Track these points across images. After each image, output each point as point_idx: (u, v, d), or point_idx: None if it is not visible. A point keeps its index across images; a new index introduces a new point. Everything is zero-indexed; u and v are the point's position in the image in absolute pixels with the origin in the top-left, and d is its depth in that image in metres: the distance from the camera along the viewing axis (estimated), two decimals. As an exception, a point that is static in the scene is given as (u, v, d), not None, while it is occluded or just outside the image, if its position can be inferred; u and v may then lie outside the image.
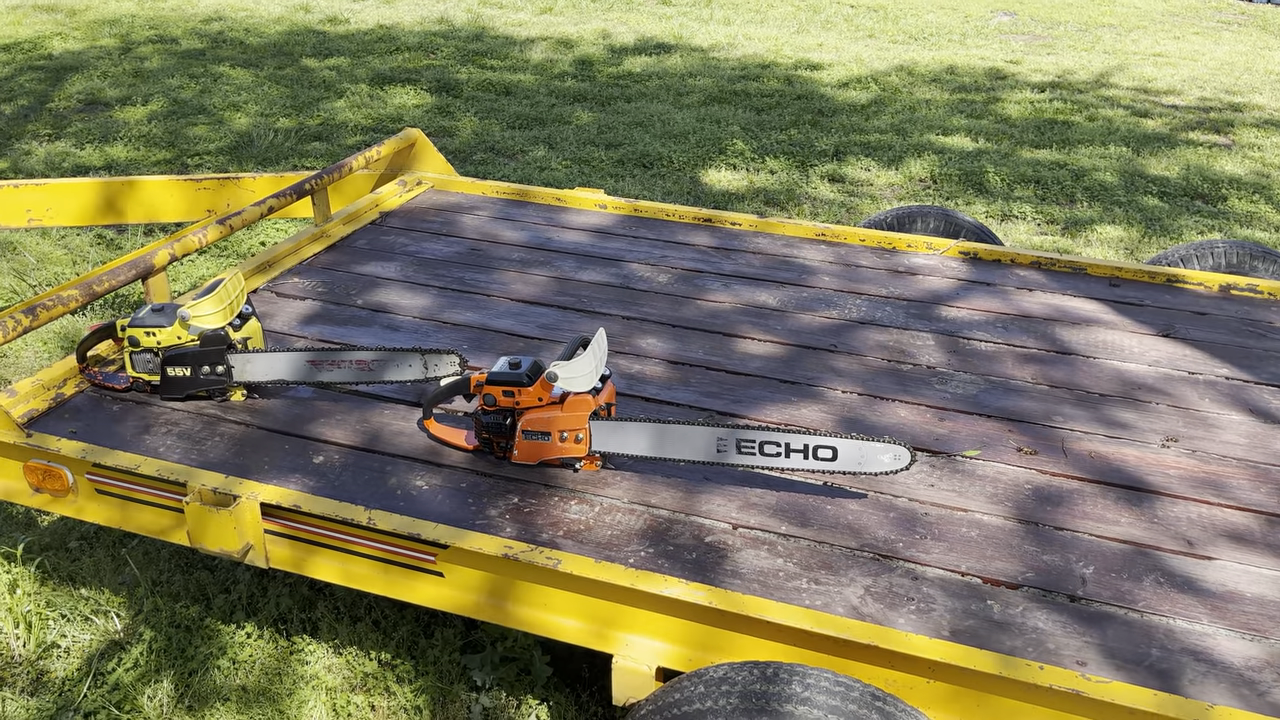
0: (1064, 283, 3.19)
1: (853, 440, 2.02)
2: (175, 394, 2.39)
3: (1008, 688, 1.67)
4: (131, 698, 2.37)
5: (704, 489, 2.15)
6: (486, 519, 2.05)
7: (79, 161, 5.92)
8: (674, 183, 5.70)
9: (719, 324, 2.87)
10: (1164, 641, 1.79)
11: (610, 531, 2.02)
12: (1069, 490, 2.18)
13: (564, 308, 2.95)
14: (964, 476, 2.22)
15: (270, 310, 2.87)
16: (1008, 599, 1.87)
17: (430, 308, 2.92)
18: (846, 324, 2.89)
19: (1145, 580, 1.93)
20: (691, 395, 2.50)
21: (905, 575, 1.93)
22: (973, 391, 2.56)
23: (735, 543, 2.00)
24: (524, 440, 2.16)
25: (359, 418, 2.38)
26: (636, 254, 3.32)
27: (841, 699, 1.57)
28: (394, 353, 2.31)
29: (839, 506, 2.11)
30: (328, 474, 2.18)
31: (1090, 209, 5.48)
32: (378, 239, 3.38)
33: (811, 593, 1.87)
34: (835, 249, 3.39)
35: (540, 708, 2.35)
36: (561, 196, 3.72)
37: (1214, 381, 2.64)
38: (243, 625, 2.56)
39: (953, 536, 2.03)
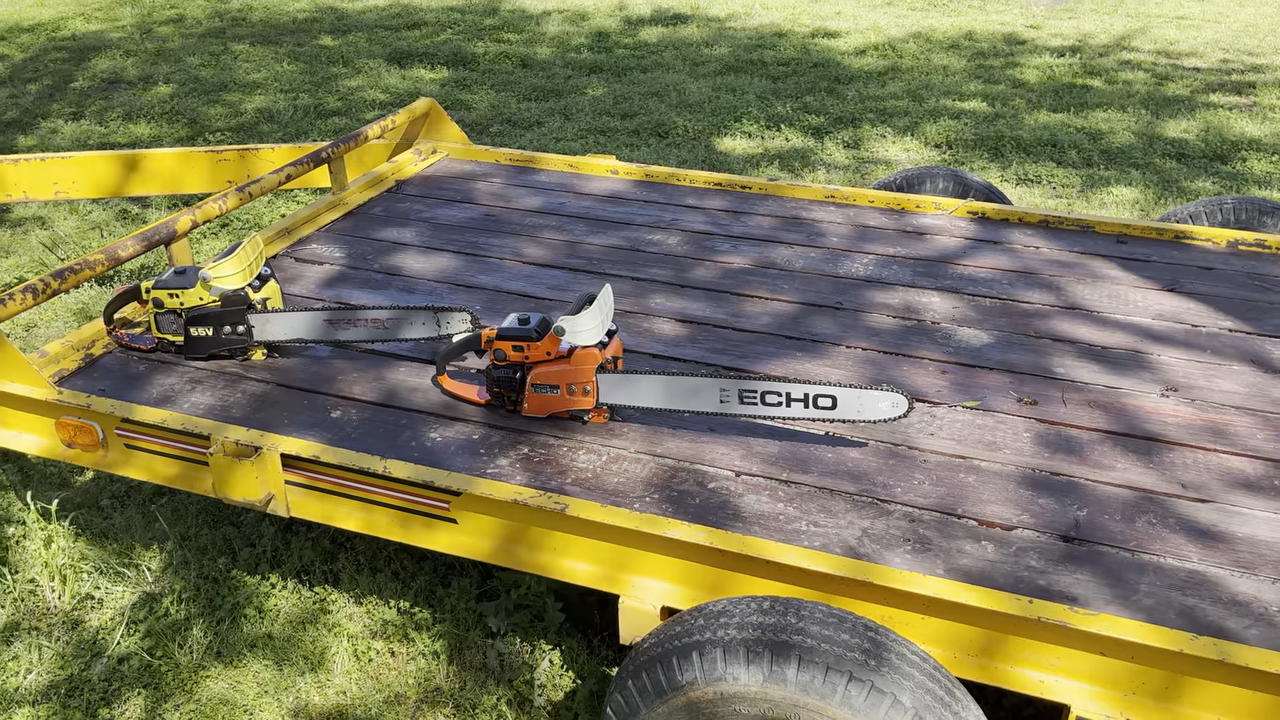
0: (1071, 240, 3.21)
1: (851, 389, 2.08)
2: (199, 353, 2.47)
3: (998, 621, 1.73)
4: (163, 644, 2.47)
5: (708, 439, 2.22)
6: (498, 468, 2.12)
7: (103, 139, 6.02)
8: (689, 151, 5.74)
9: (727, 284, 2.93)
10: (1154, 579, 1.84)
11: (617, 479, 2.09)
12: (1066, 438, 2.23)
13: (574, 270, 3.01)
14: (964, 426, 2.27)
15: (290, 275, 2.95)
16: (1002, 539, 1.93)
17: (445, 271, 2.99)
18: (854, 282, 2.94)
19: (1138, 522, 1.98)
20: (699, 352, 2.56)
21: (902, 518, 1.99)
22: (976, 345, 2.60)
23: (737, 489, 2.06)
24: (533, 394, 2.23)
25: (375, 375, 2.46)
26: (647, 217, 3.37)
27: (835, 629, 1.63)
28: (407, 311, 2.39)
29: (840, 454, 2.17)
30: (345, 428, 2.26)
31: (1107, 171, 5.47)
32: (394, 206, 3.45)
33: (810, 535, 1.94)
34: (844, 210, 3.43)
35: (553, 652, 2.43)
36: (574, 163, 3.77)
37: (1216, 334, 2.67)
38: (268, 576, 2.65)
39: (950, 482, 2.09)
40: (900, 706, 1.56)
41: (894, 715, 1.56)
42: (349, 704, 2.34)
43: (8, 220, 4.93)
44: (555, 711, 2.31)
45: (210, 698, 2.35)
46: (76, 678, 2.41)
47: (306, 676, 2.40)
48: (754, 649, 1.62)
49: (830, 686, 1.58)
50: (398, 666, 2.43)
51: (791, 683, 1.59)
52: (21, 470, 3.12)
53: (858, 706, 1.57)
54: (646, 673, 1.72)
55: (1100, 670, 1.71)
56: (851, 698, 1.57)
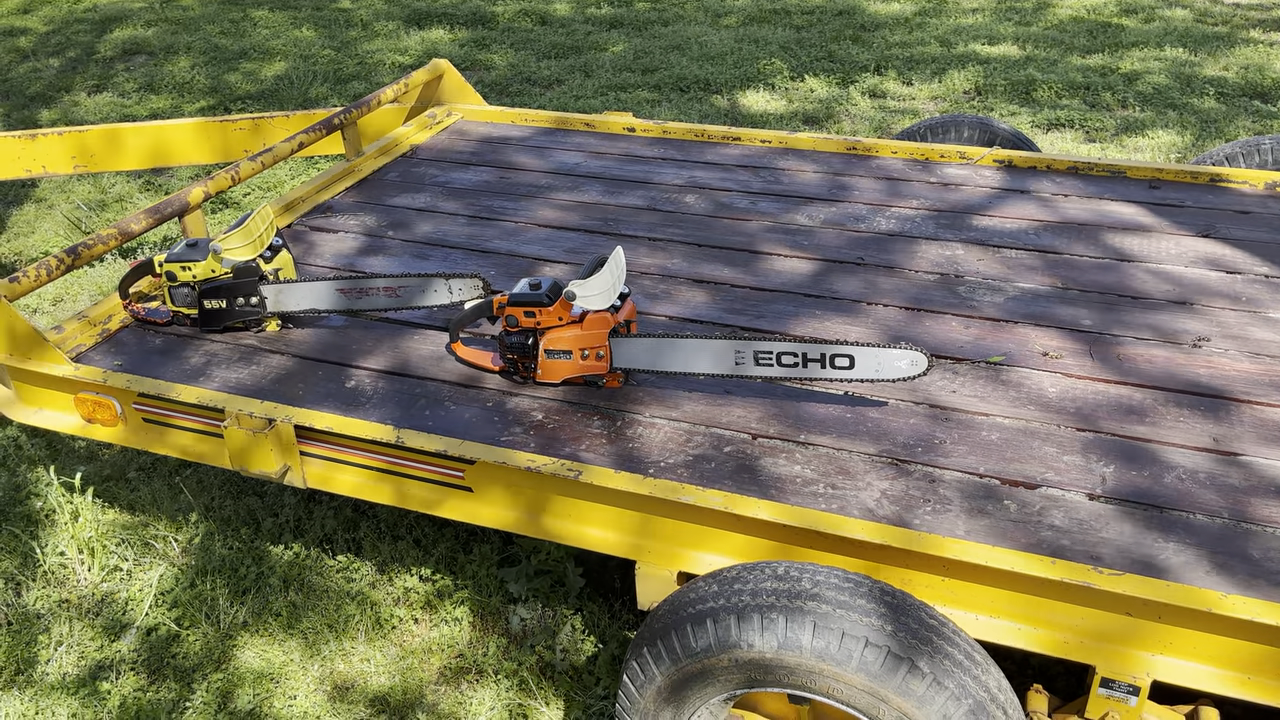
0: (1102, 187, 3.12)
1: (869, 348, 2.03)
2: (214, 326, 2.47)
3: (1020, 583, 1.69)
4: (190, 615, 2.50)
5: (725, 401, 2.18)
6: (512, 436, 2.10)
7: (125, 111, 6.03)
8: (710, 105, 5.64)
9: (745, 242, 2.87)
10: (1181, 535, 1.79)
11: (632, 444, 2.06)
12: (1092, 393, 2.17)
13: (591, 231, 2.97)
14: (987, 381, 2.22)
15: (304, 244, 2.94)
16: (1024, 499, 1.88)
17: (460, 236, 2.96)
18: (876, 237, 2.87)
19: (1166, 477, 1.92)
20: (715, 312, 2.52)
21: (922, 479, 1.94)
22: (1001, 299, 2.54)
23: (754, 452, 2.03)
24: (547, 359, 2.20)
25: (390, 344, 2.44)
26: (664, 175, 3.31)
27: (851, 594, 1.60)
28: (419, 278, 2.36)
29: (859, 415, 2.13)
30: (360, 398, 2.25)
31: (1143, 113, 5.31)
32: (408, 171, 3.41)
33: (828, 497, 1.90)
34: (867, 163, 3.35)
35: (574, 617, 2.43)
36: (591, 121, 3.71)
37: (1253, 280, 2.58)
38: (290, 546, 2.67)
39: (973, 440, 2.04)
40: (918, 672, 1.53)
41: (912, 681, 1.53)
42: (373, 670, 2.35)
43: (32, 196, 4.97)
44: (578, 675, 2.32)
45: (238, 667, 2.38)
46: (106, 649, 2.44)
47: (331, 645, 2.41)
48: (769, 615, 1.59)
49: (846, 652, 1.55)
50: (421, 633, 2.44)
51: (807, 649, 1.57)
52: (50, 445, 3.16)
53: (874, 672, 1.54)
54: (662, 639, 1.70)
55: (1125, 630, 1.67)
56: (868, 663, 1.54)
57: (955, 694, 1.53)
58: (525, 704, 2.26)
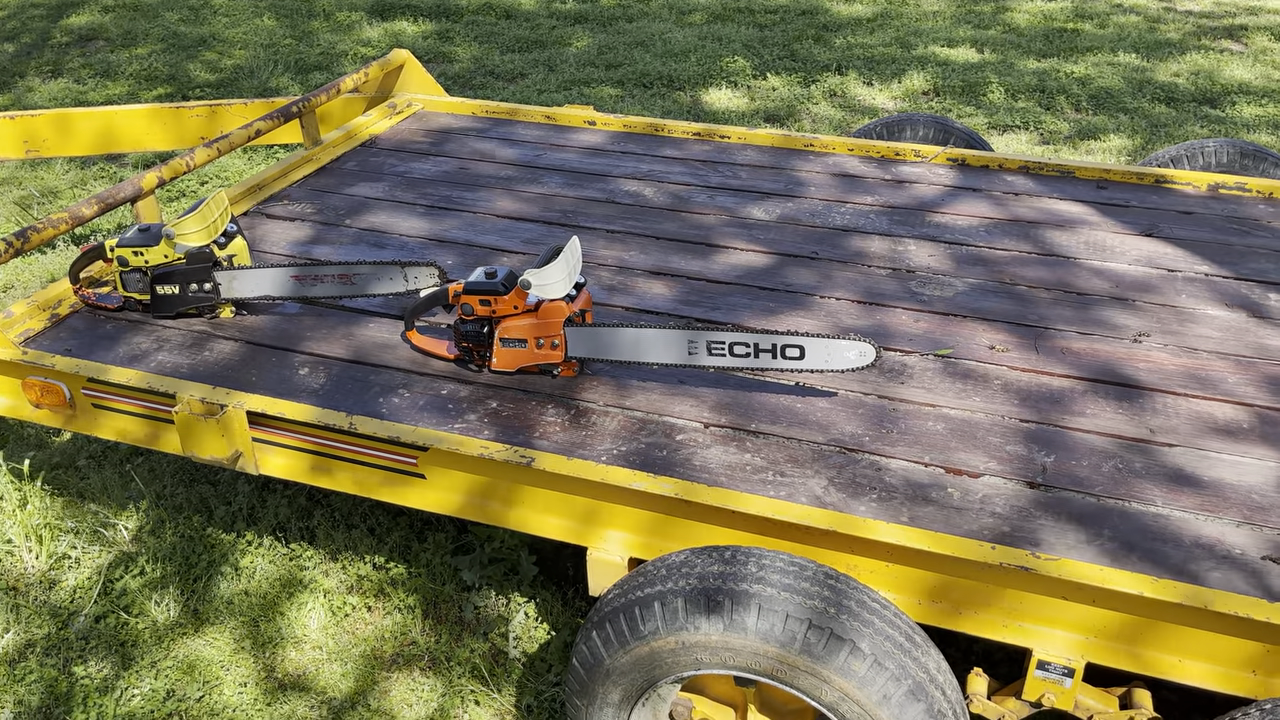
0: (1052, 186, 3.18)
1: (820, 339, 2.06)
2: (166, 312, 2.45)
3: (961, 568, 1.73)
4: (139, 603, 2.48)
5: (678, 391, 2.21)
6: (466, 423, 2.11)
7: (81, 98, 5.94)
8: (673, 102, 5.67)
9: (702, 235, 2.90)
10: (1118, 522, 1.84)
11: (585, 432, 2.08)
12: (1037, 385, 2.22)
13: (549, 223, 2.98)
14: (935, 374, 2.26)
15: (260, 232, 2.92)
16: (968, 487, 1.93)
17: (418, 226, 2.96)
18: (830, 232, 2.91)
19: (1104, 467, 1.98)
20: (671, 304, 2.54)
21: (869, 468, 1.98)
22: (950, 293, 2.59)
23: (705, 440, 2.06)
24: (502, 348, 2.21)
25: (344, 332, 2.44)
26: (624, 169, 3.33)
27: (795, 577, 1.63)
28: (375, 266, 2.36)
29: (809, 405, 2.16)
30: (313, 385, 2.25)
31: (1095, 117, 5.41)
32: (366, 161, 3.41)
33: (776, 484, 1.93)
34: (824, 159, 3.39)
35: (528, 604, 2.44)
36: (551, 115, 3.72)
37: (1193, 278, 2.65)
38: (243, 534, 2.66)
39: (919, 431, 2.08)
40: (859, 653, 1.57)
41: (853, 661, 1.57)
42: (325, 659, 2.35)
43: (-16, 181, 4.88)
44: (530, 663, 2.33)
45: (186, 655, 2.37)
46: (53, 636, 2.42)
47: (283, 633, 2.41)
48: (715, 598, 1.62)
49: (789, 634, 1.58)
50: (373, 621, 2.44)
51: (751, 631, 1.60)
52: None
53: (817, 654, 1.57)
54: (610, 623, 1.72)
55: (1062, 614, 1.72)
56: (811, 645, 1.57)
57: (895, 675, 1.57)
58: (478, 691, 2.27)
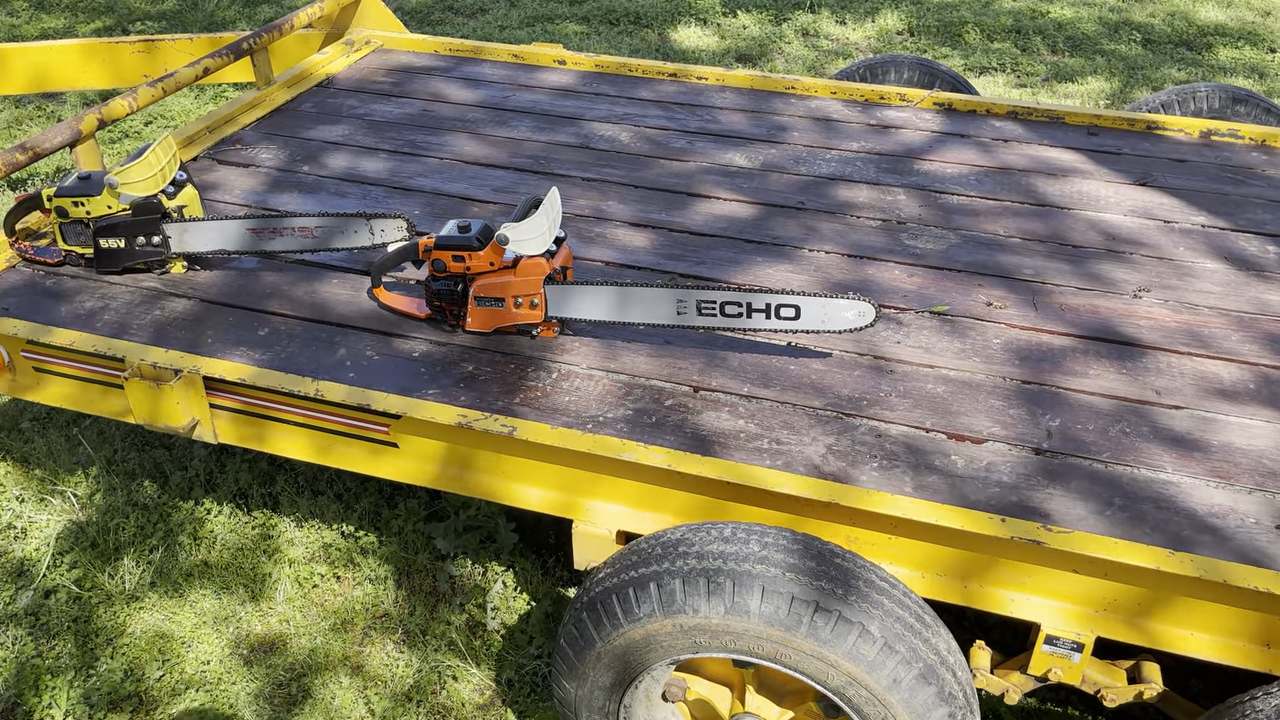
0: (1041, 133, 3.07)
1: (816, 298, 1.95)
2: (111, 267, 2.28)
3: (969, 541, 1.65)
4: (92, 575, 2.35)
5: (665, 352, 2.09)
6: (440, 388, 1.98)
7: (14, 31, 5.60)
8: (641, 40, 5.47)
9: (683, 184, 2.76)
10: (1127, 490, 1.77)
11: (568, 398, 1.96)
12: (1037, 344, 2.13)
13: (520, 169, 2.83)
14: (931, 332, 2.16)
15: (211, 179, 2.74)
16: (972, 454, 1.84)
17: (380, 172, 2.79)
18: (816, 180, 2.79)
19: (1111, 430, 1.90)
20: (654, 258, 2.42)
21: (869, 433, 1.89)
22: (944, 246, 2.48)
23: (696, 405, 1.95)
24: (477, 307, 2.08)
25: (306, 288, 2.29)
26: (597, 112, 3.17)
27: (801, 556, 1.54)
28: (338, 218, 2.21)
29: (803, 366, 2.06)
30: (274, 346, 2.10)
31: (1072, 59, 5.30)
32: (324, 102, 3.21)
33: (773, 453, 1.83)
34: (805, 102, 3.25)
35: (506, 574, 2.34)
36: (519, 53, 3.54)
37: (1189, 230, 2.57)
38: (202, 501, 2.52)
39: (919, 394, 1.99)
40: (869, 636, 1.48)
41: (862, 645, 1.48)
42: (292, 632, 2.24)
43: (-90, 120, 4.59)
44: (510, 635, 2.24)
45: (145, 630, 2.24)
46: (0, 613, 2.28)
47: (247, 605, 2.29)
48: (715, 579, 1.52)
49: (795, 617, 1.49)
50: (343, 592, 2.33)
51: (754, 614, 1.51)
52: (-66, 392, 2.93)
53: (824, 638, 1.49)
54: (602, 604, 1.62)
55: (1071, 588, 1.65)
56: (818, 628, 1.49)
57: (906, 658, 1.49)
58: (455, 665, 2.17)
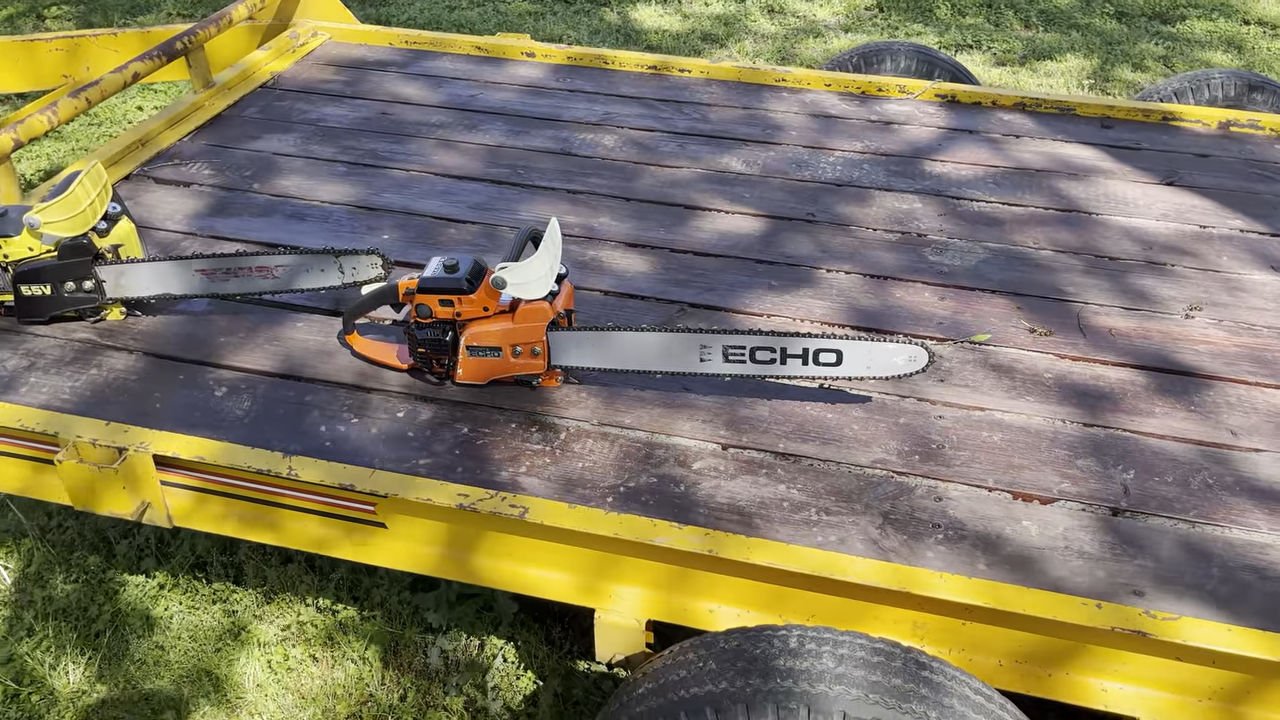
0: (1053, 126, 2.87)
1: (860, 342, 1.72)
2: (37, 316, 1.97)
3: (1060, 629, 1.45)
4: (31, 668, 2.05)
5: (681, 402, 1.85)
6: (433, 456, 1.72)
7: (-89, 18, 5.12)
8: (600, 20, 5.16)
9: (679, 195, 2.51)
10: (1223, 557, 1.57)
11: (580, 463, 1.71)
12: (1093, 377, 1.93)
13: (498, 182, 2.54)
14: (976, 367, 1.95)
15: (147, 203, 2.41)
16: (1044, 518, 1.63)
17: (341, 190, 2.49)
18: (823, 187, 2.55)
19: (1192, 482, 1.70)
20: (657, 284, 2.16)
21: (927, 495, 1.67)
22: (972, 262, 2.27)
23: (728, 468, 1.71)
24: (469, 357, 1.81)
25: (269, 334, 2.00)
26: (575, 112, 2.89)
27: (883, 673, 1.32)
28: (303, 256, 1.92)
29: (841, 414, 1.83)
30: (235, 410, 1.81)
31: (1047, 34, 5.12)
32: (271, 106, 2.88)
33: (824, 525, 1.61)
34: (799, 96, 3.01)
35: (506, 647, 2.09)
36: (483, 45, 3.23)
37: (1229, 236, 2.38)
38: (153, 575, 2.22)
39: (974, 443, 1.77)
40: (968, 764, 1.27)
41: (961, 775, 1.27)
42: (268, 727, 1.97)
43: None
44: (515, 718, 1.99)
45: (96, 733, 1.96)
46: (-76, 720, 1.98)
47: (212, 696, 2.01)
48: (786, 704, 1.29)
49: (884, 747, 1.27)
50: (322, 675, 2.06)
51: (836, 745, 1.28)
52: None
53: (918, 769, 1.27)
54: (645, 725, 1.39)
55: (1173, 676, 1.45)
56: (909, 758, 1.27)
57: (1010, 786, 1.28)
58: (455, 757, 1.93)
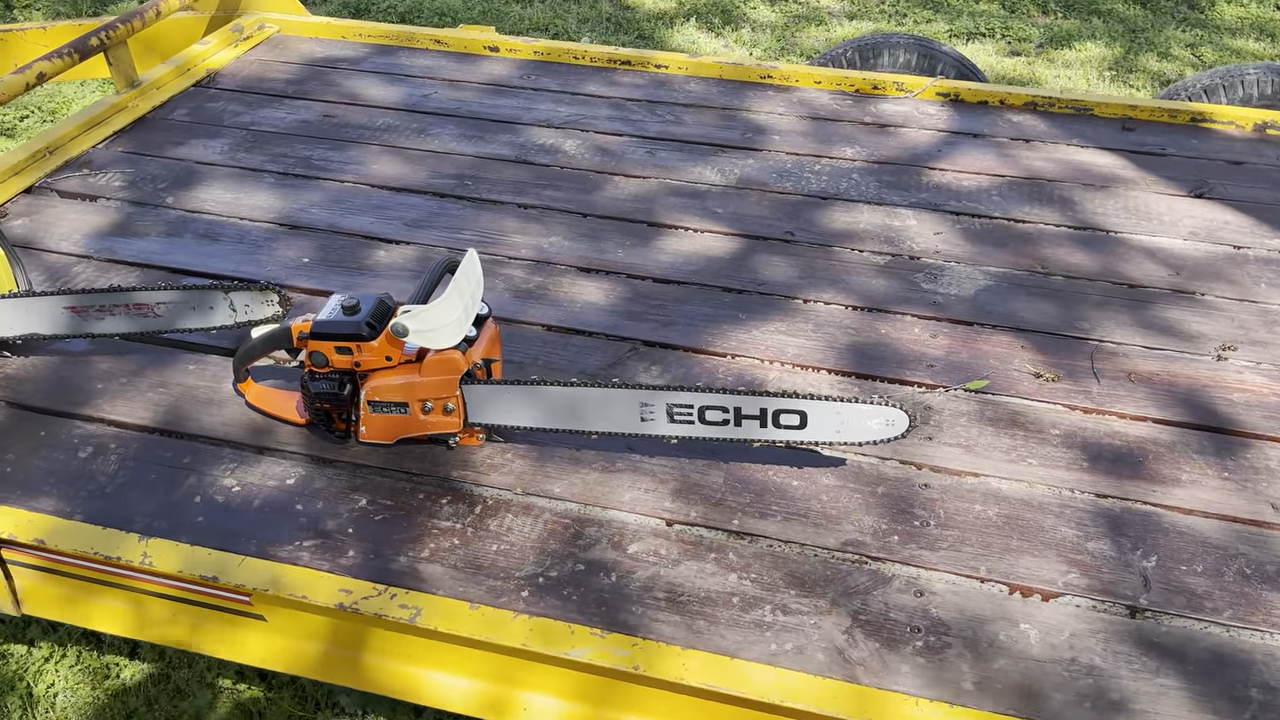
0: (1068, 128, 2.57)
1: (827, 402, 1.44)
2: (-112, 360, 1.72)
3: (1064, 776, 1.17)
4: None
5: (625, 464, 1.57)
6: (320, 537, 1.45)
7: None
8: (590, 7, 4.87)
9: (643, 210, 2.23)
10: (1264, 672, 1.29)
11: (495, 544, 1.44)
12: (1108, 434, 1.64)
13: (441, 194, 2.27)
14: (971, 422, 1.67)
15: (45, 220, 2.16)
16: (1047, 619, 1.35)
17: (264, 204, 2.23)
18: (806, 200, 2.27)
19: (1226, 572, 1.42)
20: (608, 317, 1.89)
21: (906, 588, 1.39)
22: (970, 290, 1.98)
23: (670, 551, 1.44)
24: (372, 414, 1.55)
25: (154, 378, 1.74)
26: (537, 114, 2.61)
27: None
28: (187, 292, 1.65)
29: (809, 482, 1.55)
30: (97, 475, 1.55)
31: (1066, 21, 4.80)
32: (202, 107, 2.62)
33: (779, 629, 1.33)
34: (786, 95, 2.72)
35: (431, 736, 1.84)
36: (442, 38, 2.96)
37: (1267, 258, 2.09)
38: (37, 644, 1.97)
39: (964, 519, 1.49)
40: None
41: None
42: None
43: None
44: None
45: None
46: None
47: (95, 791, 1.76)
48: None
49: None
50: (222, 766, 1.81)
51: None
52: None
53: None
54: None
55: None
56: None
57: None
58: None
